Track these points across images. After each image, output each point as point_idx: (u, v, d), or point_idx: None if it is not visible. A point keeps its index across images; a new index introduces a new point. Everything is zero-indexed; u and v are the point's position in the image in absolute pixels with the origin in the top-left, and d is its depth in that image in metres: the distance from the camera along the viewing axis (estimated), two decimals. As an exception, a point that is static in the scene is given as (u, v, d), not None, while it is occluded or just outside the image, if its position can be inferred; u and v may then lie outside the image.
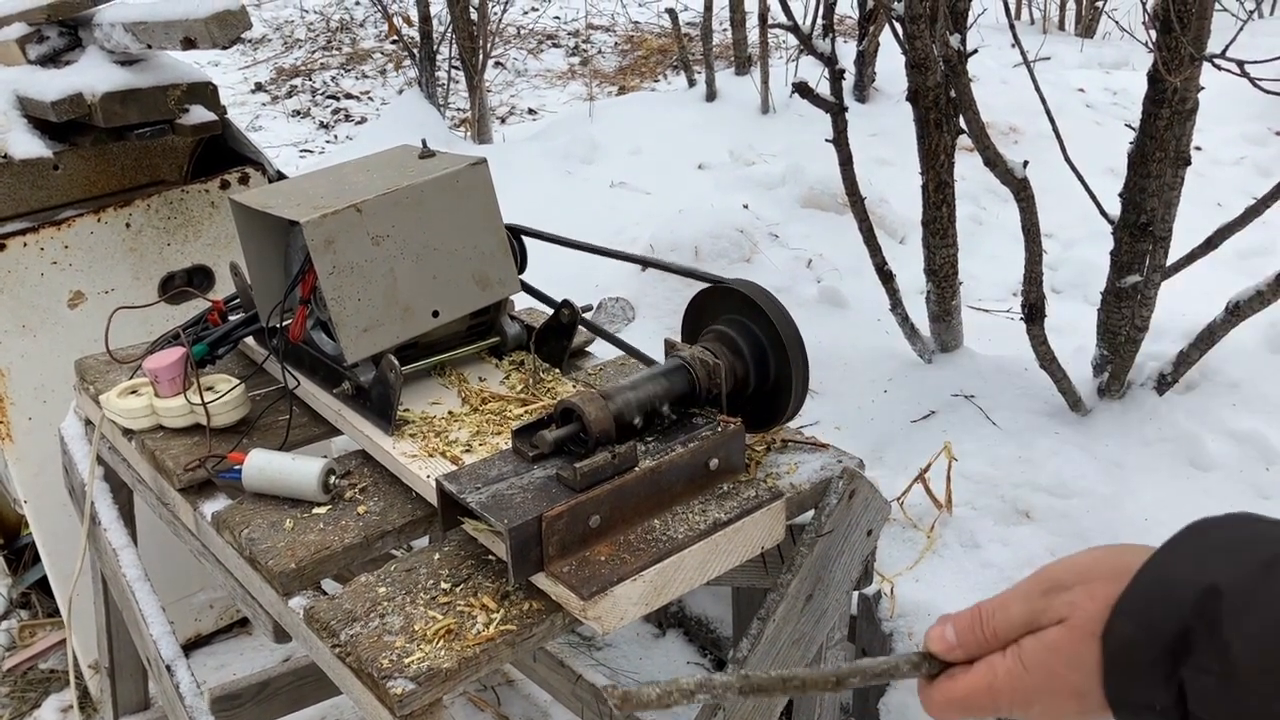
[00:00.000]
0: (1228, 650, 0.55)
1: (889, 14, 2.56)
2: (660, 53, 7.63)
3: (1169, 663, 0.58)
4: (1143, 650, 0.59)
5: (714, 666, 2.55)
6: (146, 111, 2.20)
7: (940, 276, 2.80)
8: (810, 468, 1.41)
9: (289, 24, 8.67)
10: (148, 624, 1.65)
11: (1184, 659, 0.57)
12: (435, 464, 1.36)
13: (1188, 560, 0.59)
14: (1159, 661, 0.58)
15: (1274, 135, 5.09)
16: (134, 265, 2.30)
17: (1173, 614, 0.58)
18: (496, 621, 1.15)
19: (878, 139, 4.41)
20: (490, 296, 1.56)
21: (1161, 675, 0.58)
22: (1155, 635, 0.58)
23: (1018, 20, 7.06)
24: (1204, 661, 0.56)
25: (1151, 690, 0.59)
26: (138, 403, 1.54)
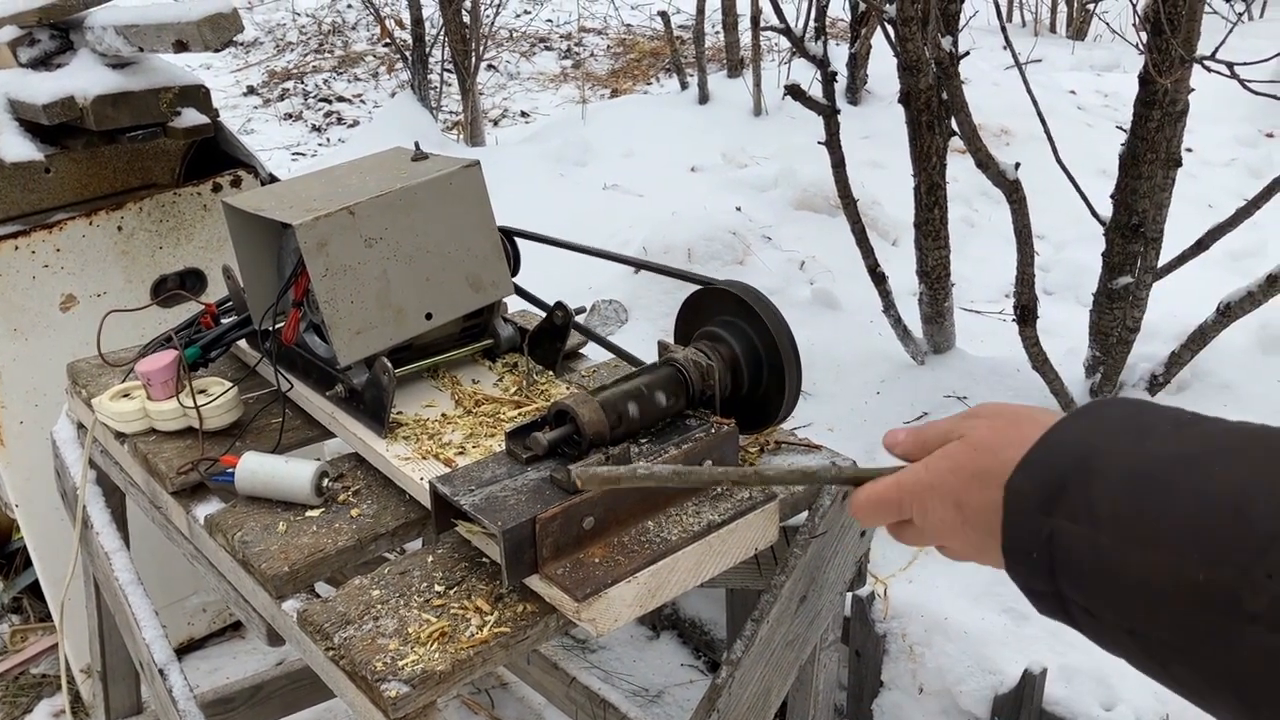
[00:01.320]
0: (1091, 499, 0.62)
1: (881, 16, 2.56)
2: (653, 55, 7.64)
3: (1045, 512, 0.64)
4: (1027, 499, 0.65)
5: (708, 668, 2.55)
6: (138, 114, 2.20)
7: (932, 278, 2.80)
8: (804, 469, 1.41)
9: (281, 27, 8.66)
10: (140, 628, 1.65)
11: (1056, 508, 0.63)
12: (429, 466, 1.36)
13: (1080, 428, 0.66)
14: (1037, 510, 0.65)
15: (1264, 137, 5.11)
16: (126, 268, 2.30)
17: (1055, 470, 0.65)
18: (490, 624, 1.15)
19: (870, 141, 4.42)
20: (483, 299, 1.56)
21: (1038, 524, 0.64)
22: (1038, 487, 0.65)
23: (1009, 23, 7.08)
24: (1072, 510, 0.63)
25: (1030, 538, 0.65)
26: (130, 406, 1.54)
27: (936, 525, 0.76)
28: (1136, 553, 0.59)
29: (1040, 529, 0.64)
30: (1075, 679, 1.94)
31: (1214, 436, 0.62)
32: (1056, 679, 1.93)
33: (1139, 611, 0.60)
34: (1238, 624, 0.55)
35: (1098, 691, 1.92)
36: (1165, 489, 0.60)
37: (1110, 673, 1.94)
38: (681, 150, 4.46)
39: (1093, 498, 0.62)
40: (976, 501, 0.71)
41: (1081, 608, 0.64)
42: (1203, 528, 0.57)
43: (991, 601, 2.10)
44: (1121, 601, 0.61)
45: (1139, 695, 1.90)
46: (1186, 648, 0.58)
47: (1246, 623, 0.54)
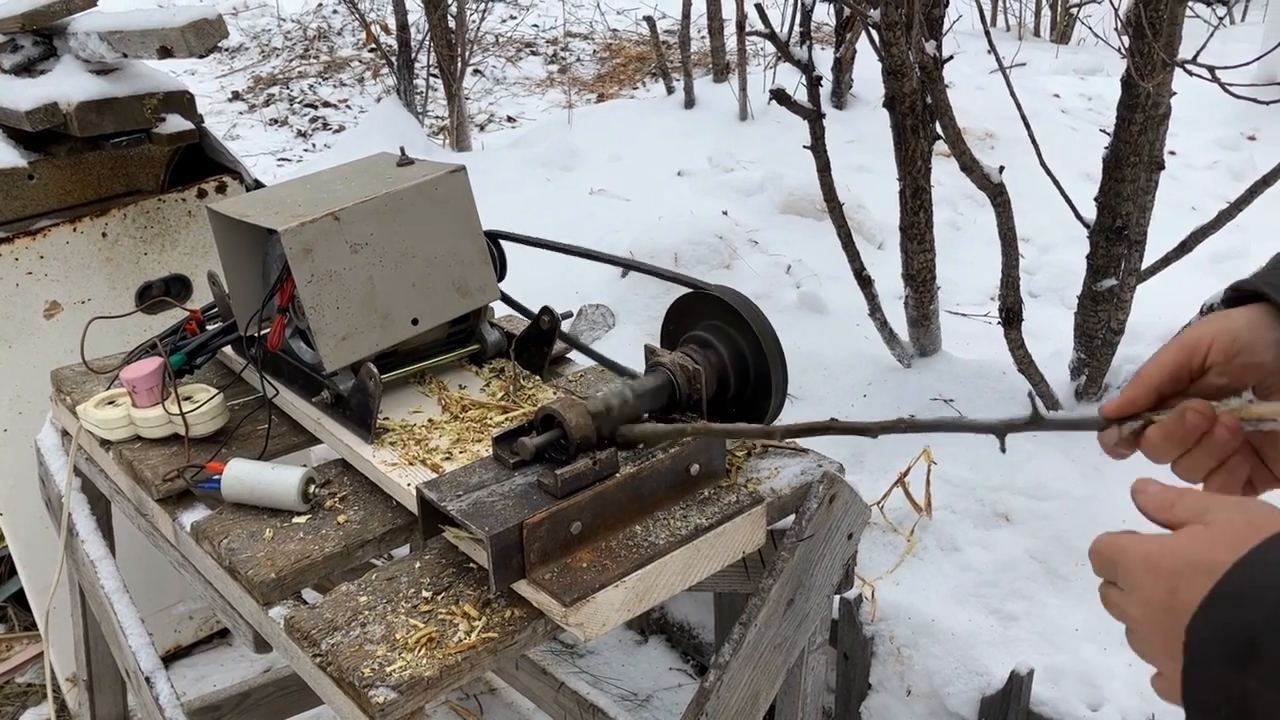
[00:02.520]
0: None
1: (865, 21, 2.57)
2: (639, 60, 7.65)
3: (1237, 670, 0.57)
4: (1214, 651, 0.58)
5: (696, 672, 2.55)
6: (122, 121, 2.19)
7: (918, 281, 2.81)
8: (790, 472, 1.41)
9: (266, 32, 8.64)
10: (126, 636, 1.64)
11: (1249, 668, 0.56)
12: (415, 472, 1.35)
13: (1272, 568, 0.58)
14: (1227, 664, 0.58)
15: (1246, 140, 5.15)
16: (110, 275, 2.29)
17: (1247, 621, 0.57)
18: (478, 629, 1.15)
19: (855, 145, 4.43)
20: (470, 304, 1.56)
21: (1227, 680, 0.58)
22: (1229, 638, 0.58)
23: (993, 27, 7.11)
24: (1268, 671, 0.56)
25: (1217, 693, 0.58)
26: (115, 413, 1.54)
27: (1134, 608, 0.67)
28: None
29: (1230, 686, 0.57)
30: (1062, 680, 1.94)
31: None
32: (1043, 680, 1.94)
33: None
34: None
35: (1084, 692, 1.93)
36: None
37: (1097, 673, 1.95)
38: (668, 155, 4.47)
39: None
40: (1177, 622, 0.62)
41: None
42: None
43: (978, 603, 2.11)
44: None
45: (1125, 696, 1.91)
46: None
47: None
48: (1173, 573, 0.63)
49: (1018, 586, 2.12)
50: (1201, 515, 0.65)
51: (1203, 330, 0.77)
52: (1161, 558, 0.64)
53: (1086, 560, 0.70)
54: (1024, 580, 2.13)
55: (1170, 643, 0.62)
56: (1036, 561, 2.16)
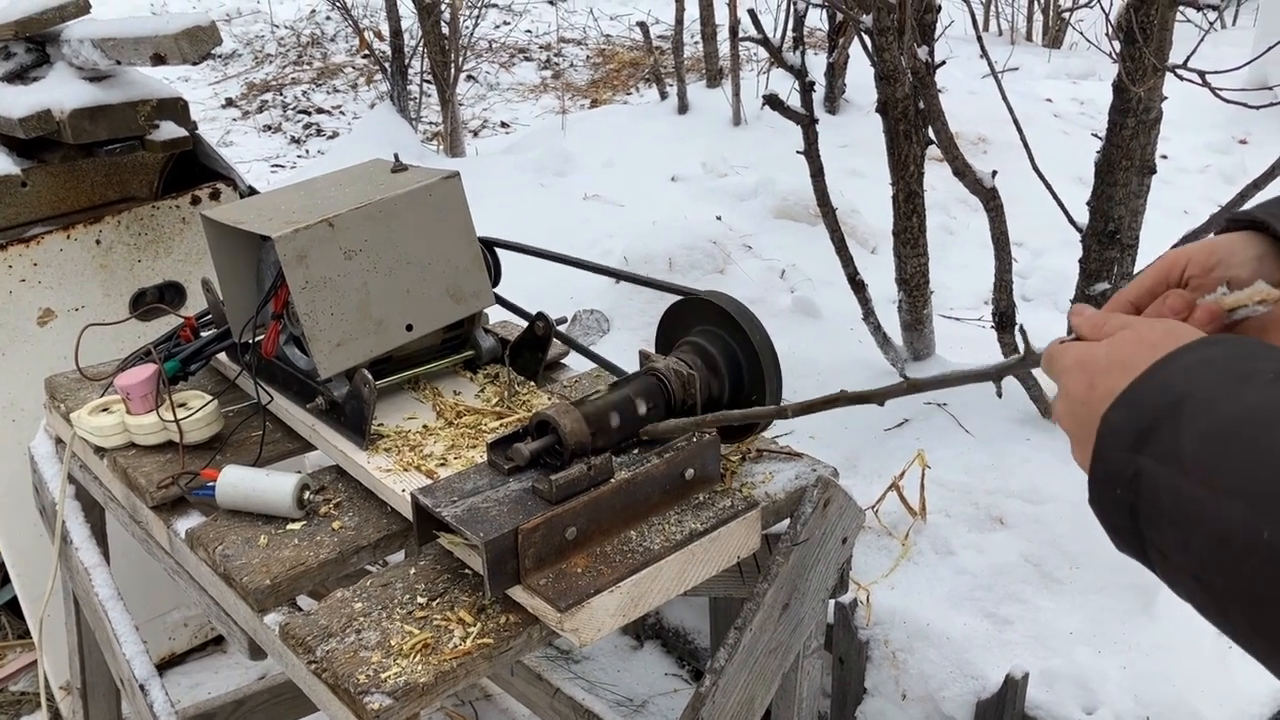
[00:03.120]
0: (1179, 443, 0.62)
1: (858, 27, 2.58)
2: (632, 66, 7.66)
3: (1135, 450, 0.64)
4: (1120, 436, 0.65)
5: (692, 677, 2.55)
6: (116, 128, 2.19)
7: (911, 286, 2.82)
8: (785, 477, 1.41)
9: (259, 39, 8.64)
10: (121, 643, 1.64)
11: (1145, 447, 0.64)
12: (410, 478, 1.35)
13: (1183, 366, 0.65)
14: (1128, 448, 0.65)
15: (1238, 143, 5.17)
16: (104, 282, 2.29)
17: (1150, 409, 0.64)
18: (473, 635, 1.15)
19: (848, 150, 4.44)
20: (464, 310, 1.56)
21: (1127, 460, 0.65)
22: (1132, 424, 0.65)
23: (985, 32, 7.13)
24: (1160, 451, 0.63)
25: (1118, 473, 0.65)
26: (109, 420, 1.53)
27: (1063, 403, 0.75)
28: (1213, 502, 0.59)
29: (1127, 466, 0.64)
30: (1057, 683, 1.95)
31: None
32: (1038, 683, 1.94)
33: (1208, 559, 0.60)
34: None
35: (1079, 695, 1.93)
36: (1251, 441, 0.59)
37: (1091, 676, 1.95)
38: (661, 160, 4.47)
39: (1180, 441, 0.62)
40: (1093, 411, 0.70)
41: (1156, 549, 0.64)
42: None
43: (973, 607, 2.11)
44: (1193, 547, 0.61)
45: (1120, 699, 1.92)
46: (1249, 600, 0.58)
47: None
48: (1094, 369, 0.71)
49: (1012, 590, 2.13)
50: (1127, 324, 0.73)
51: (1182, 250, 0.83)
52: (1087, 357, 0.72)
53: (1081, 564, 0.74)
54: (1019, 584, 2.14)
55: (1087, 434, 0.69)
56: (1031, 565, 2.17)
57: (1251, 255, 0.80)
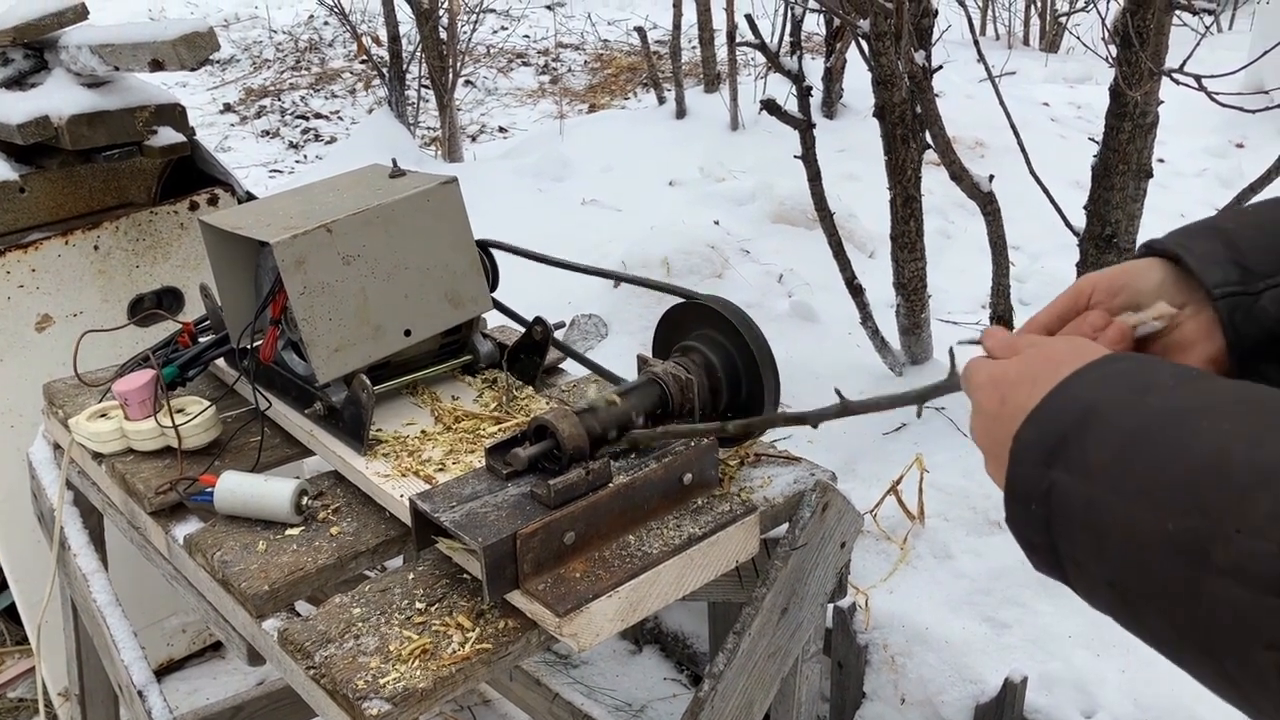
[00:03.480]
0: (1087, 453, 0.64)
1: (855, 31, 2.59)
2: (630, 71, 7.67)
3: (1046, 465, 0.66)
4: (1032, 451, 0.67)
5: (691, 682, 2.55)
6: (114, 133, 2.19)
7: (909, 290, 2.82)
8: (783, 481, 1.42)
9: (258, 44, 8.65)
10: (119, 650, 1.63)
11: (1056, 461, 0.65)
12: (409, 483, 1.35)
13: (1087, 382, 0.68)
14: (1040, 462, 0.66)
15: (1235, 147, 5.18)
16: (102, 288, 2.29)
17: (1059, 423, 0.67)
18: (472, 640, 1.15)
19: (846, 154, 4.45)
20: (462, 315, 1.56)
21: (1039, 475, 0.66)
22: (1042, 439, 0.67)
23: (982, 36, 7.14)
24: (1069, 463, 0.65)
25: (1032, 489, 0.67)
26: (107, 426, 1.53)
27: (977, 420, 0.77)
28: (1122, 505, 0.61)
29: (1041, 481, 0.66)
30: (1056, 687, 1.95)
31: (1209, 393, 0.63)
32: (1037, 687, 1.94)
33: (1119, 562, 0.62)
34: (1207, 576, 0.56)
35: (1078, 699, 1.93)
36: (1154, 444, 0.61)
37: (1090, 680, 1.95)
38: (659, 165, 4.47)
39: (1088, 451, 0.64)
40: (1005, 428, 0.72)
41: (1071, 560, 0.66)
42: (1184, 482, 0.59)
43: (972, 611, 2.11)
44: (1105, 553, 0.63)
45: (1119, 702, 1.92)
46: (1159, 598, 0.60)
47: (1215, 575, 0.56)
48: (1005, 384, 0.73)
49: (1011, 594, 2.13)
50: (1035, 344, 0.76)
51: (1090, 276, 0.87)
52: (999, 374, 0.75)
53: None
54: (1017, 587, 2.14)
55: (1000, 449, 0.71)
56: (1029, 569, 2.16)
57: (1155, 281, 0.84)
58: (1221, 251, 0.80)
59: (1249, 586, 0.54)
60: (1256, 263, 0.78)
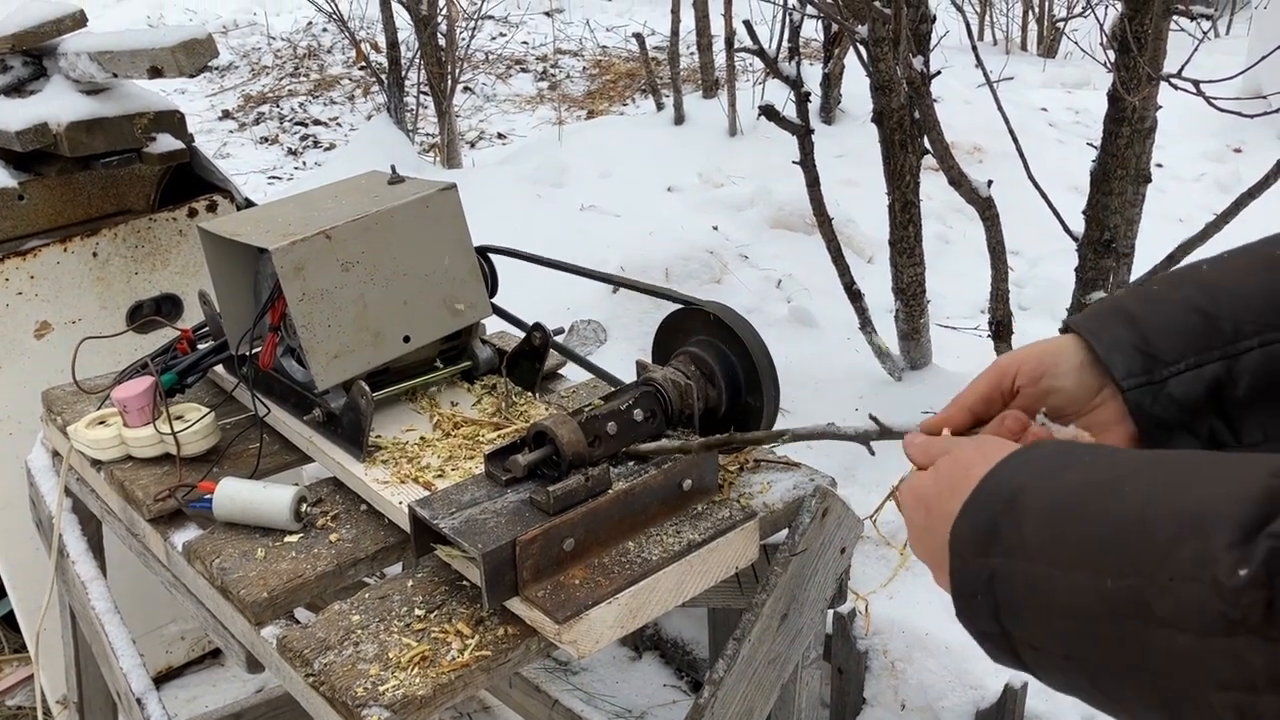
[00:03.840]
0: (1021, 534, 0.66)
1: (853, 37, 2.59)
2: (628, 77, 7.68)
3: (984, 554, 0.68)
4: (968, 544, 0.69)
5: (691, 689, 2.54)
6: (113, 140, 2.19)
7: (908, 295, 2.82)
8: (783, 487, 1.41)
9: (256, 51, 8.65)
10: (118, 657, 1.63)
11: (992, 549, 0.67)
12: (408, 490, 1.35)
13: (1010, 469, 0.71)
14: (977, 554, 0.68)
15: (1233, 152, 5.19)
16: (101, 295, 2.29)
17: (990, 512, 0.69)
18: (471, 647, 1.15)
19: (844, 160, 4.45)
20: (461, 321, 1.56)
21: (979, 566, 0.68)
22: (976, 531, 0.69)
23: (980, 41, 7.15)
24: (1006, 547, 0.67)
25: (974, 580, 0.69)
26: (106, 433, 1.53)
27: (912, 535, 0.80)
28: (1061, 576, 0.63)
29: (981, 571, 0.68)
30: (1055, 693, 1.94)
31: (1123, 463, 0.66)
32: (1037, 693, 1.94)
33: (1068, 634, 0.63)
34: (1149, 629, 0.58)
35: (1078, 705, 1.93)
36: (1081, 513, 0.63)
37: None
38: (658, 170, 4.48)
39: (1023, 532, 0.66)
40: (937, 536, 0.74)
41: (1025, 643, 0.67)
42: (1114, 543, 0.61)
43: (972, 616, 2.11)
44: (1053, 626, 0.64)
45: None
46: (1111, 660, 0.61)
47: (1158, 627, 0.57)
48: (926, 496, 0.77)
49: (1011, 599, 2.12)
50: (947, 451, 0.79)
51: (1013, 357, 0.89)
52: (919, 489, 0.78)
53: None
54: (1017, 593, 2.13)
55: (937, 556, 0.74)
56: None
57: (1075, 364, 0.85)
58: (1128, 339, 0.82)
59: (1192, 632, 0.56)
60: (1162, 350, 0.80)
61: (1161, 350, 0.80)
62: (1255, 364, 0.77)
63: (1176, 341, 0.80)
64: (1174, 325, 0.81)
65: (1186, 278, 0.83)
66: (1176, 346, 0.80)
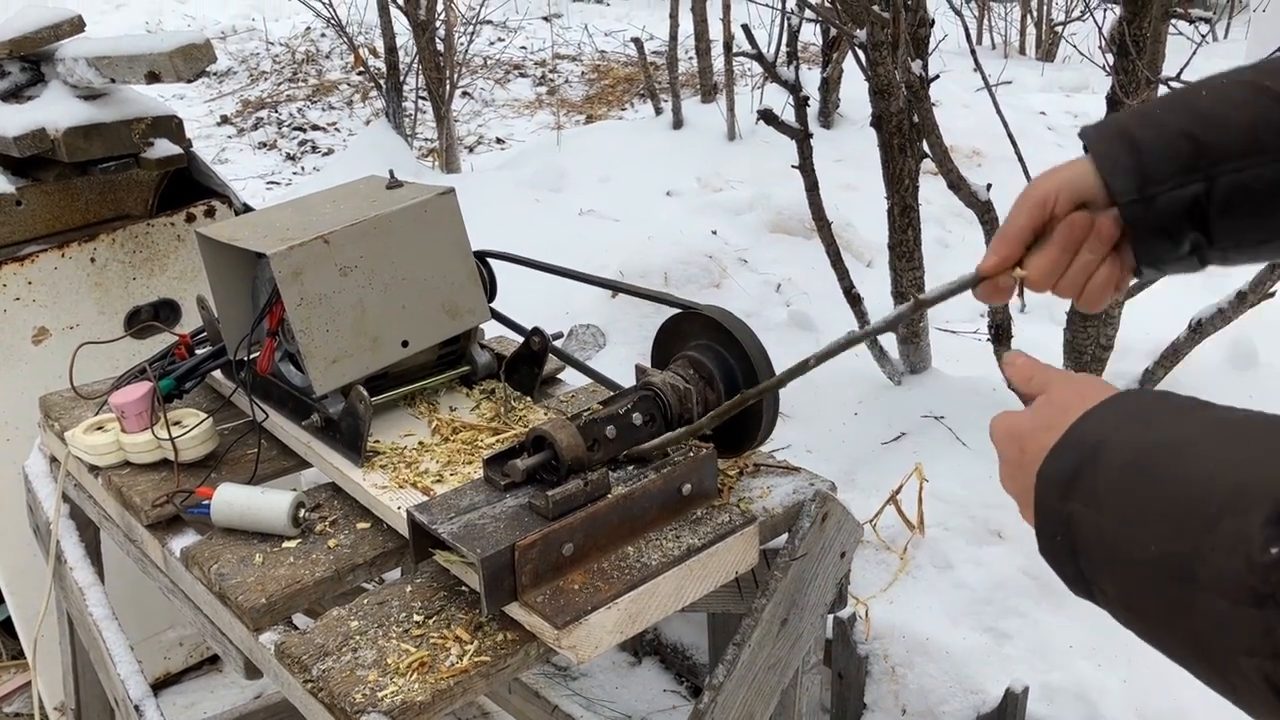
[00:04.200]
0: (1097, 484, 0.69)
1: (852, 41, 2.59)
2: (627, 81, 7.68)
3: (1064, 497, 0.72)
4: (1053, 486, 0.73)
5: (690, 694, 2.54)
6: (110, 146, 2.19)
7: (907, 299, 2.82)
8: (782, 491, 1.41)
9: (254, 56, 8.66)
10: (115, 663, 1.62)
11: (1072, 493, 0.71)
12: (406, 495, 1.35)
13: (1097, 418, 0.73)
14: (1059, 496, 0.72)
15: (1231, 155, 5.18)
16: (99, 300, 2.28)
17: (1074, 458, 0.72)
18: (470, 653, 1.14)
19: (843, 164, 4.45)
20: (460, 325, 1.56)
21: (1060, 507, 0.72)
22: (1060, 474, 0.72)
23: (979, 45, 7.16)
24: (1084, 495, 0.70)
25: (1055, 520, 0.73)
26: (104, 439, 1.53)
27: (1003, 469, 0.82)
28: (1126, 531, 0.67)
29: (1061, 512, 0.72)
30: (1057, 697, 1.94)
31: (1205, 422, 0.69)
32: (1038, 697, 1.93)
33: (1131, 586, 0.67)
34: (1195, 592, 0.62)
35: (1079, 709, 1.92)
36: (1152, 473, 0.67)
37: (1091, 689, 1.94)
38: (657, 175, 4.48)
39: (1098, 483, 0.69)
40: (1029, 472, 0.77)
41: (1096, 585, 0.71)
42: (1174, 508, 0.64)
43: (972, 621, 2.11)
44: (1119, 577, 0.68)
45: (1121, 712, 1.91)
46: (1164, 617, 0.65)
47: (1201, 592, 0.61)
48: (1022, 435, 0.79)
49: (1012, 604, 2.12)
50: (1046, 387, 0.82)
51: (1044, 187, 0.98)
52: (1015, 426, 0.81)
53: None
54: (1018, 597, 2.13)
55: (1026, 494, 0.77)
56: (1030, 578, 2.16)
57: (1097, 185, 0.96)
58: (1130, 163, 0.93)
59: (1228, 599, 0.60)
60: (1155, 171, 0.92)
61: (1155, 171, 0.92)
62: (1229, 186, 0.89)
63: (1168, 165, 0.91)
64: (1167, 150, 0.91)
65: (1185, 104, 0.93)
66: (1167, 169, 0.91)
